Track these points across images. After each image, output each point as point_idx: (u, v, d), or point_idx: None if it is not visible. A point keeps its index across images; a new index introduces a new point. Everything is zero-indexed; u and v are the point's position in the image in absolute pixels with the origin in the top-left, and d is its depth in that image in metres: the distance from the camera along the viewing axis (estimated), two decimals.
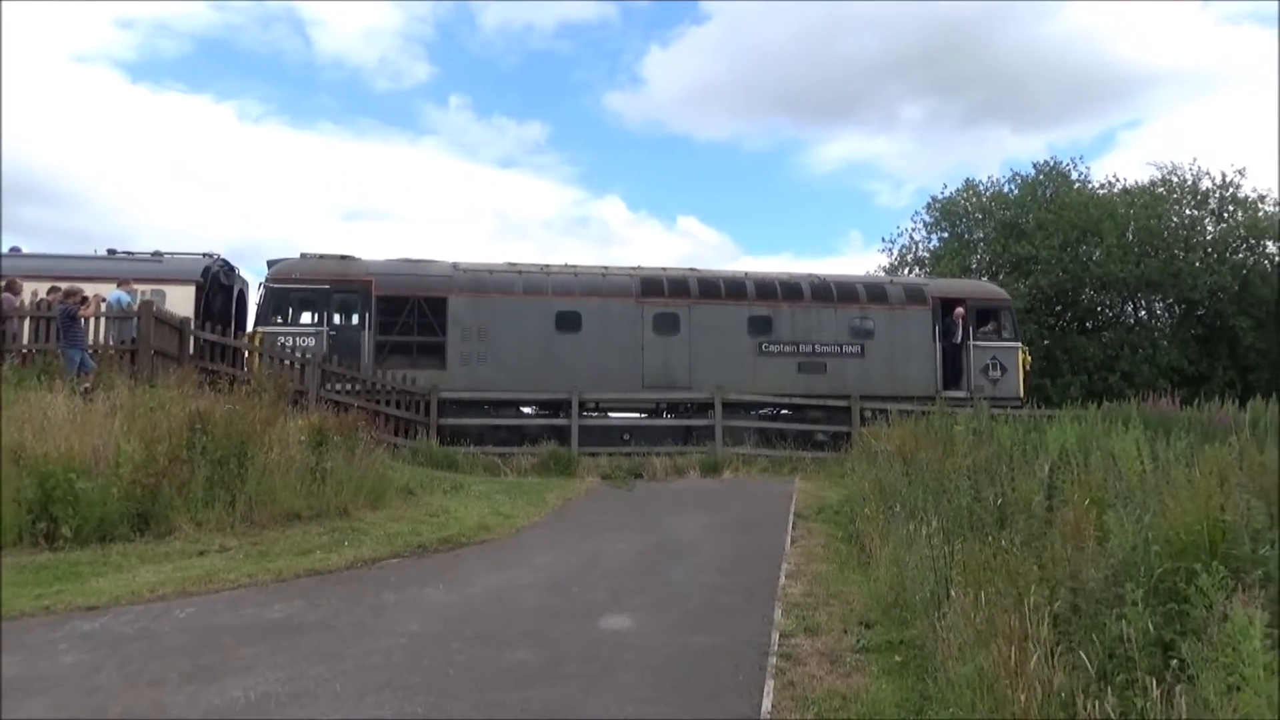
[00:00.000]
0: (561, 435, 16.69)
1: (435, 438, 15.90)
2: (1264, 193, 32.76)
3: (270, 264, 17.87)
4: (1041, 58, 72.41)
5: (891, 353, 19.23)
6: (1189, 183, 33.47)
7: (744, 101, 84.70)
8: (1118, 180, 35.62)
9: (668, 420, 17.90)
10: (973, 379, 19.32)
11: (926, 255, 36.71)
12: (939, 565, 5.91)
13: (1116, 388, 27.04)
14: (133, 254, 17.99)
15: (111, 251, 18.01)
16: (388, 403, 16.04)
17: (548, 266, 19.00)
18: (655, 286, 18.66)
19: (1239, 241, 32.22)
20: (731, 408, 17.47)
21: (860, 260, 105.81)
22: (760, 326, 18.79)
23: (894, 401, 16.57)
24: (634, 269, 19.33)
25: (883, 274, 31.52)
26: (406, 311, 17.34)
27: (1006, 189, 36.21)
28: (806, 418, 18.34)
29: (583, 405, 16.99)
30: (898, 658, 5.50)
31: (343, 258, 18.01)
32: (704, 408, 17.47)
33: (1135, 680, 3.55)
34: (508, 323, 17.64)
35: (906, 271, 35.76)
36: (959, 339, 19.37)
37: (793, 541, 9.65)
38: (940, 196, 37.33)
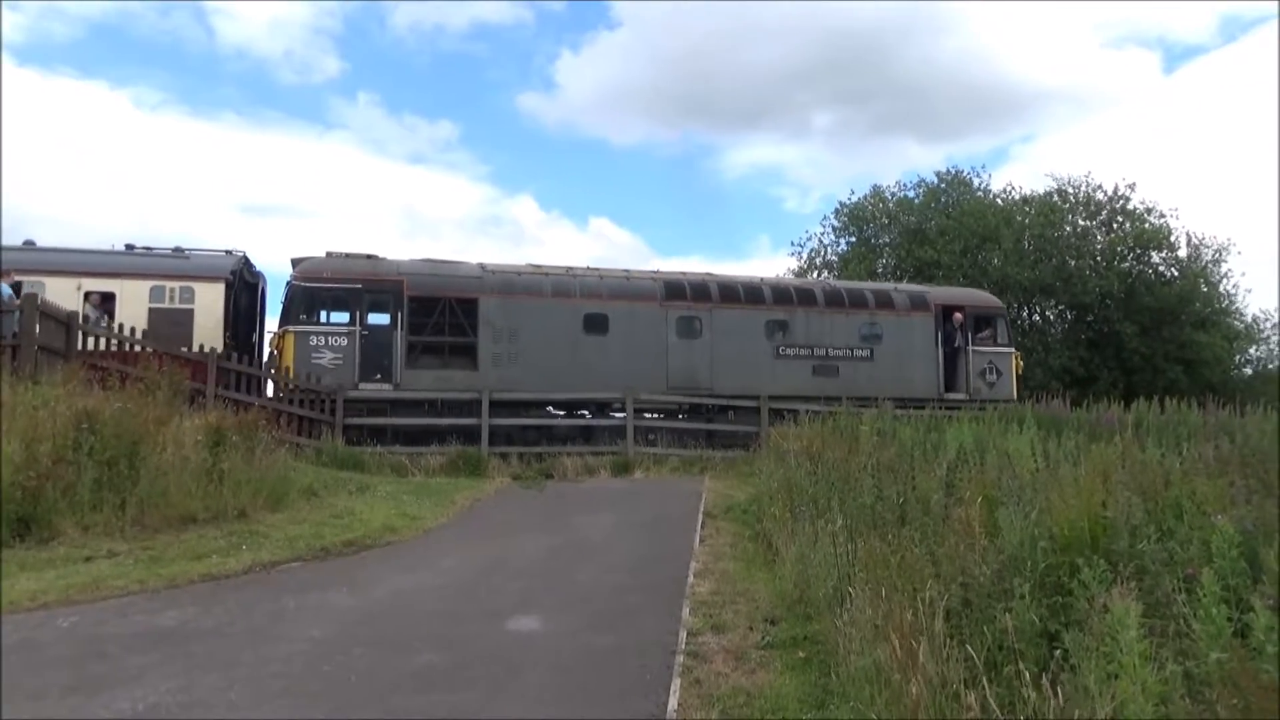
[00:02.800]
0: (471, 435, 16.51)
1: (341, 438, 15.55)
2: (1151, 205, 34.58)
3: (295, 262, 17.52)
4: (941, 73, 75.02)
5: (898, 356, 20.07)
6: (1083, 194, 35.09)
7: (658, 106, 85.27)
8: (1016, 189, 37.14)
9: (579, 420, 17.87)
10: (971, 382, 20.30)
11: (835, 259, 37.60)
12: (842, 562, 6.06)
13: None
14: (152, 249, 17.41)
15: (129, 247, 17.35)
16: (291, 401, 15.61)
17: (571, 269, 19.27)
18: (678, 290, 19.14)
19: (1127, 251, 33.91)
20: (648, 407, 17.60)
21: (770, 263, 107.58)
22: (777, 330, 19.47)
23: (901, 403, 16.72)
24: (654, 273, 19.80)
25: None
26: (438, 312, 17.41)
27: (911, 195, 37.34)
28: (719, 418, 18.56)
29: (494, 404, 16.87)
30: (801, 653, 5.61)
31: (369, 257, 17.91)
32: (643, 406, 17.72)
33: (1021, 670, 3.71)
34: (537, 324, 17.87)
35: (815, 274, 36.54)
36: (959, 344, 20.28)
37: (701, 540, 9.75)
38: (848, 202, 38.28)
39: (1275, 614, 3.15)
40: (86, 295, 16.03)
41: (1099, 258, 33.80)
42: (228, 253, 17.83)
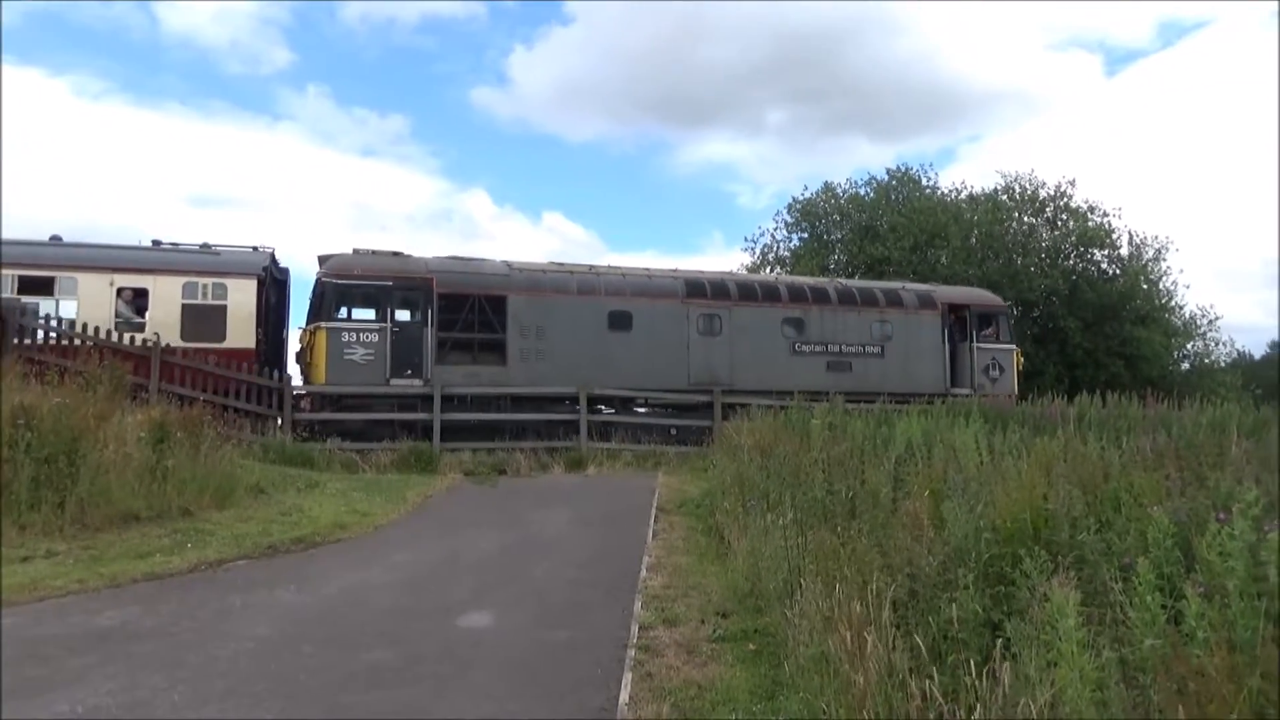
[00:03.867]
0: (424, 431, 16.38)
1: (290, 433, 15.31)
2: (1094, 204, 35.38)
3: (323, 259, 17.52)
4: (892, 74, 76.13)
5: (907, 353, 20.76)
6: (1028, 192, 35.78)
7: (613, 103, 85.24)
8: (965, 187, 37.75)
9: (533, 415, 17.80)
10: (975, 378, 21.06)
11: (787, 255, 37.89)
12: (792, 555, 6.12)
13: None
14: (178, 245, 17.22)
15: (156, 243, 17.18)
16: (238, 396, 15.33)
17: (593, 267, 19.63)
18: (699, 289, 19.58)
19: (1071, 249, 34.65)
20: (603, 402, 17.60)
21: (722, 259, 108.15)
22: (793, 328, 20.00)
23: (907, 398, 17.14)
24: (673, 272, 20.14)
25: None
26: (467, 309, 17.59)
27: (863, 192, 37.77)
28: (673, 413, 18.62)
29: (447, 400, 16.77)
30: (752, 646, 5.67)
31: (396, 254, 18.03)
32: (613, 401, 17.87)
33: (966, 659, 3.79)
34: (564, 321, 18.19)
35: (768, 269, 36.80)
36: (964, 341, 21.16)
37: (654, 535, 9.79)
38: (801, 199, 38.60)
39: (1206, 601, 3.25)
40: (119, 291, 15.98)
41: (1044, 255, 34.50)
42: (254, 249, 17.69)
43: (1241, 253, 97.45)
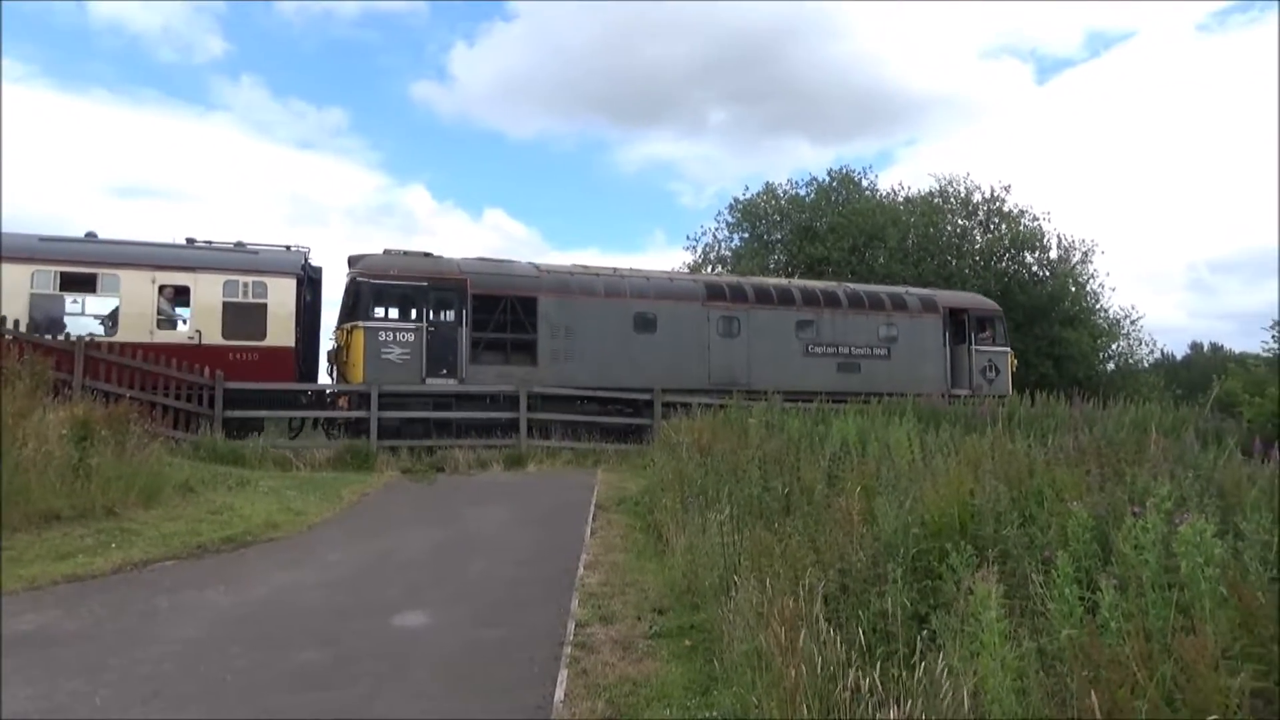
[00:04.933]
0: (361, 428, 16.15)
1: (221, 431, 14.95)
2: (1025, 208, 36.29)
3: (354, 259, 17.76)
4: (832, 76, 77.29)
5: (912, 355, 21.62)
6: (963, 194, 36.56)
7: (557, 100, 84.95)
8: (904, 188, 38.43)
9: (473, 414, 17.66)
10: (974, 379, 21.97)
11: (729, 254, 38.15)
12: (729, 552, 6.19)
13: None
14: (213, 244, 17.20)
15: (191, 241, 17.14)
16: (166, 393, 14.91)
17: (617, 269, 20.13)
18: (718, 291, 20.28)
19: (1003, 251, 35.48)
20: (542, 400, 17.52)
21: (663, 257, 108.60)
22: (806, 330, 20.69)
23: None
24: (693, 276, 20.83)
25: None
26: (499, 310, 17.93)
27: (803, 193, 38.21)
28: (612, 410, 18.61)
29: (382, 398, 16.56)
30: (688, 642, 5.72)
31: (426, 255, 18.35)
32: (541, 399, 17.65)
33: (895, 651, 3.88)
34: (591, 322, 18.64)
35: (709, 269, 37.03)
36: (964, 344, 22.12)
37: (593, 533, 9.79)
38: (742, 198, 38.89)
39: (1120, 592, 3.38)
40: (161, 289, 16.05)
41: (978, 258, 35.27)
42: (287, 248, 17.72)
43: (1164, 257, 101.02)
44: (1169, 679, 2.81)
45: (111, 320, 15.86)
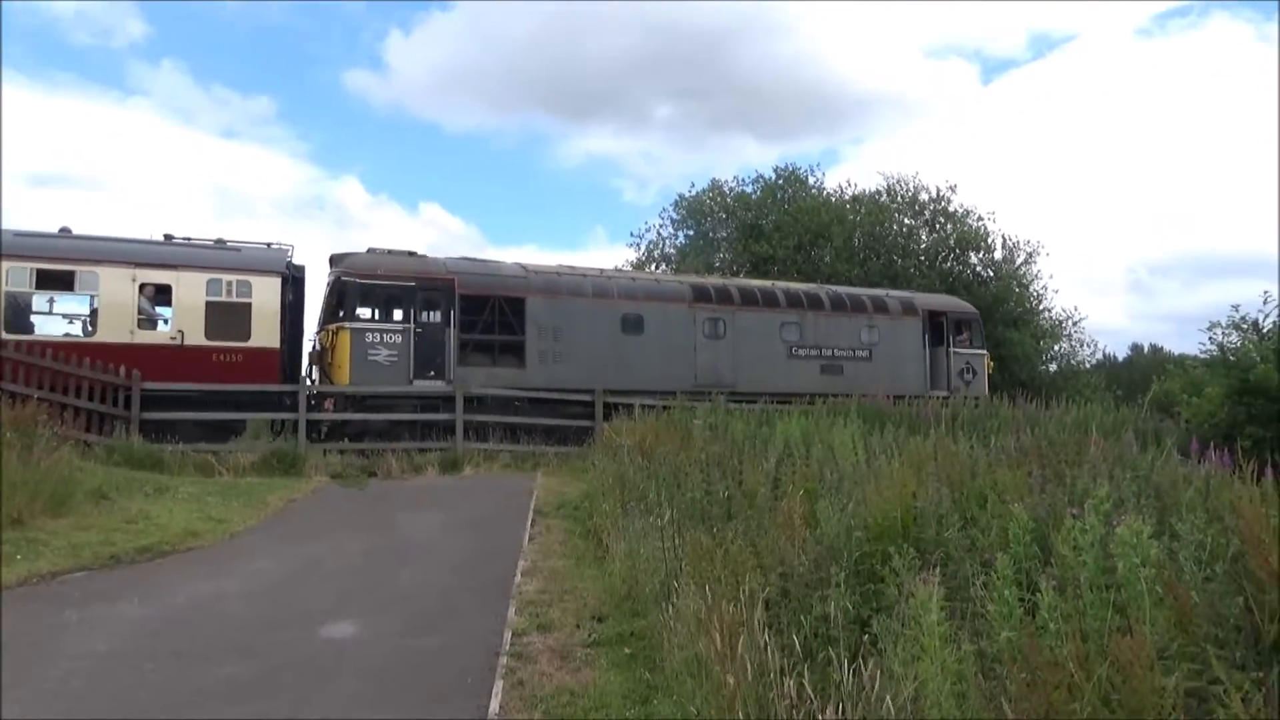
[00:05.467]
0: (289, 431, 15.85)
1: (138, 434, 14.53)
2: (970, 208, 37.04)
3: (337, 258, 17.92)
4: (778, 74, 78.10)
5: (893, 357, 22.23)
6: (910, 193, 37.18)
7: (496, 92, 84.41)
8: (850, 186, 38.91)
9: (407, 415, 17.45)
10: (952, 381, 22.58)
11: (673, 252, 38.29)
12: (669, 557, 6.20)
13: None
14: (191, 240, 17.09)
15: (168, 237, 16.98)
16: (78, 394, 14.45)
17: (603, 270, 20.63)
18: (704, 293, 20.64)
19: (949, 252, 36.18)
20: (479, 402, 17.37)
21: (606, 254, 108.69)
22: (790, 332, 21.13)
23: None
24: (679, 276, 21.15)
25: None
26: (487, 311, 18.06)
27: (749, 190, 38.50)
28: (554, 412, 18.54)
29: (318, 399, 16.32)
30: (628, 650, 5.71)
31: (412, 254, 18.50)
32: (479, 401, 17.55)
33: (836, 656, 3.92)
34: (580, 324, 18.86)
35: (654, 266, 37.13)
36: (942, 346, 22.88)
37: (531, 538, 9.74)
38: (687, 195, 39.06)
39: (1059, 593, 3.46)
40: (141, 287, 15.85)
41: (923, 257, 35.90)
42: (268, 245, 17.58)
43: (1105, 259, 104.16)
44: (1105, 680, 2.87)
45: (91, 320, 15.64)
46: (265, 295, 16.53)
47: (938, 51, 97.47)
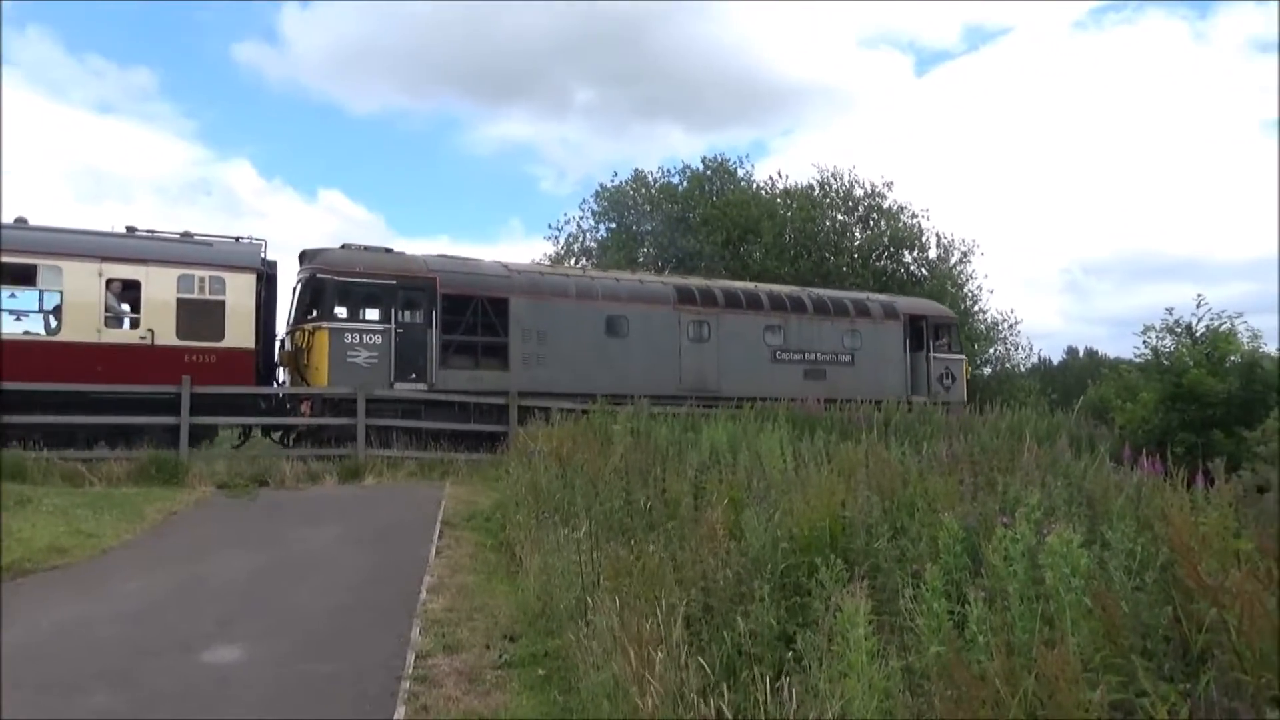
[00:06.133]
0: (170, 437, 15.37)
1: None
2: (904, 205, 37.89)
3: (310, 254, 18.02)
4: (705, 60, 78.75)
5: (874, 362, 23.15)
6: (844, 188, 37.85)
7: (404, 71, 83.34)
8: (781, 178, 39.42)
9: (303, 420, 17.11)
10: (932, 386, 23.68)
11: (594, 246, 38.31)
12: (586, 571, 6.20)
13: None
14: (155, 233, 17.01)
15: (130, 229, 16.83)
16: None
17: (586, 270, 21.21)
18: (689, 295, 21.16)
19: (882, 249, 36.96)
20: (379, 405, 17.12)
21: (523, 248, 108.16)
22: (774, 336, 21.87)
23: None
24: (662, 278, 21.94)
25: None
26: (469, 311, 18.33)
27: (676, 182, 38.73)
28: (463, 416, 18.39)
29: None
30: (541, 671, 5.70)
31: (388, 250, 18.77)
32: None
33: (760, 674, 3.97)
34: (563, 326, 19.24)
35: (573, 261, 37.09)
36: (922, 350, 23.95)
37: (438, 552, 9.64)
38: (609, 186, 39.10)
39: (988, 605, 3.57)
40: (108, 283, 15.74)
41: (856, 255, 36.62)
42: (236, 240, 17.54)
43: (1041, 258, 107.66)
44: (1031, 694, 2.97)
45: (54, 317, 15.54)
46: (240, 293, 16.56)
47: (871, 41, 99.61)
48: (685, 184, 38.58)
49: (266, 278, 17.59)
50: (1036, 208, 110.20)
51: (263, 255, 17.47)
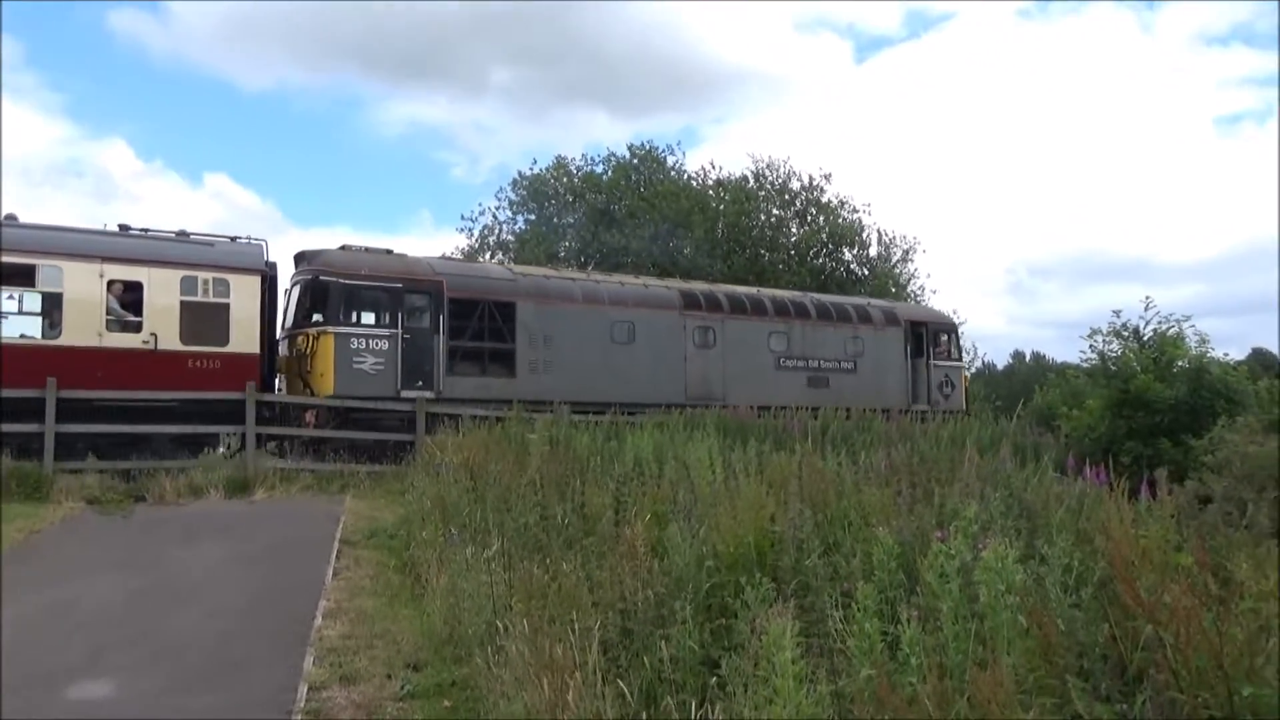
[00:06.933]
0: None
1: None
2: (844, 199, 38.47)
3: (309, 256, 18.62)
4: (632, 40, 78.87)
5: (876, 369, 23.97)
6: (780, 180, 38.28)
7: (301, 45, 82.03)
8: (714, 168, 39.67)
9: (182, 428, 16.69)
10: (932, 394, 24.62)
11: (511, 239, 38.14)
12: (497, 593, 6.19)
13: None
14: (149, 232, 17.25)
15: (124, 228, 17.07)
16: None
17: (590, 274, 21.89)
18: (693, 300, 21.86)
19: (820, 246, 37.49)
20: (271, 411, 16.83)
21: (433, 242, 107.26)
22: (778, 342, 22.63)
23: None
24: (666, 281, 22.88)
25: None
26: (476, 316, 18.85)
27: (600, 170, 38.73)
28: (368, 424, 18.18)
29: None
30: (447, 702, 5.67)
31: (389, 252, 19.25)
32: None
33: (682, 701, 4.01)
34: (570, 331, 19.76)
35: (489, 255, 36.89)
36: (922, 358, 24.85)
37: (335, 574, 9.52)
38: (528, 174, 38.95)
39: (922, 625, 3.66)
40: (110, 284, 16.00)
41: (793, 252, 37.08)
42: (233, 239, 17.80)
43: (985, 257, 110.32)
44: (963, 718, 3.06)
45: (53, 320, 15.69)
46: (244, 296, 16.83)
47: (808, 25, 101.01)
48: (610, 173, 38.62)
49: (270, 279, 17.86)
50: (980, 204, 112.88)
51: (266, 256, 17.78)
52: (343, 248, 18.80)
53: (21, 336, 15.49)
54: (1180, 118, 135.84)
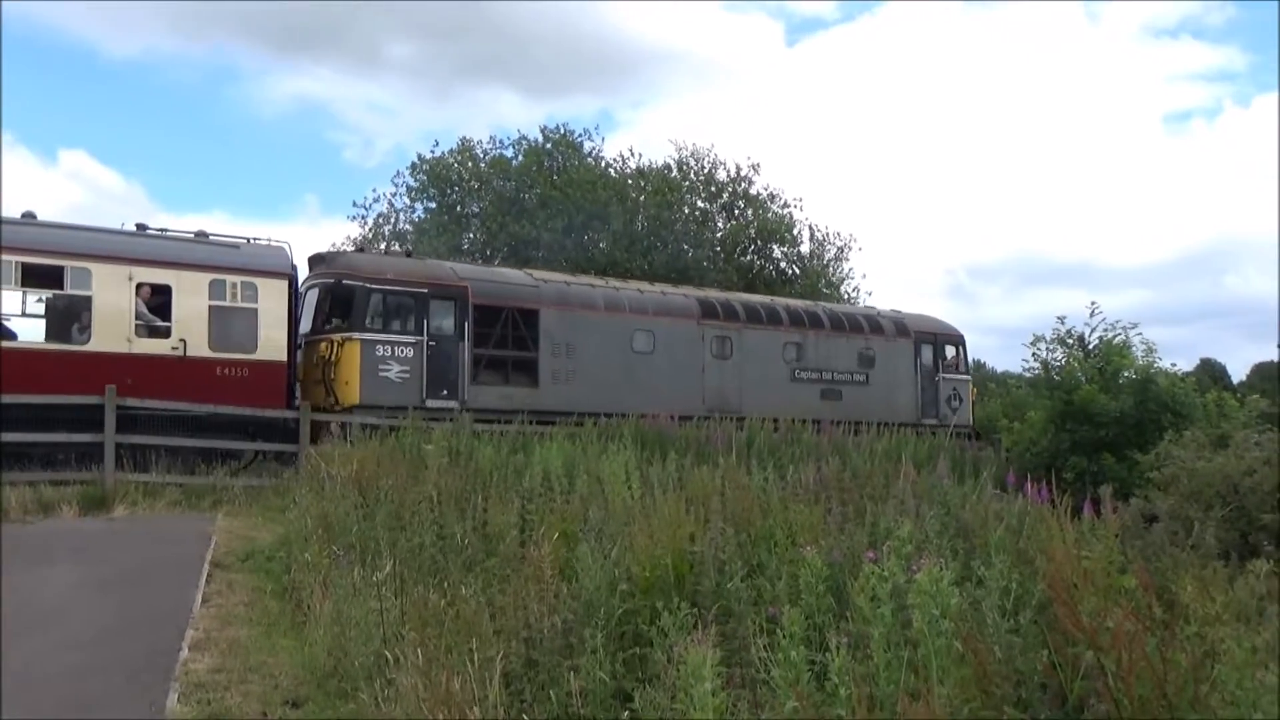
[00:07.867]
0: None
1: None
2: (775, 192, 38.89)
3: (327, 258, 19.71)
4: (545, 16, 78.65)
5: (887, 381, 25.20)
6: (705, 171, 38.55)
7: (171, 9, 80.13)
8: (634, 156, 39.79)
9: (30, 435, 16.21)
10: (941, 407, 25.76)
11: (409, 228, 37.78)
12: (388, 620, 6.13)
13: None
14: (167, 232, 17.98)
15: (141, 227, 17.69)
16: None
17: (609, 281, 22.96)
18: (711, 309, 22.89)
19: (748, 242, 37.85)
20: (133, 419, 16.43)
21: (322, 230, 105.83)
22: (793, 353, 23.77)
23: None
24: (684, 290, 23.96)
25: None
26: (500, 323, 19.64)
27: (510, 155, 38.56)
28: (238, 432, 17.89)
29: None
30: None
31: (408, 254, 20.58)
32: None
33: None
34: (591, 339, 20.67)
35: (384, 246, 36.52)
36: (934, 371, 26.13)
37: (205, 600, 9.35)
38: (429, 157, 38.61)
39: (852, 652, 3.72)
40: (138, 288, 16.49)
41: (719, 248, 37.38)
42: (248, 241, 18.25)
43: (923, 258, 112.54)
44: None
45: (81, 324, 16.20)
46: (272, 300, 17.45)
47: (737, 5, 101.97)
48: (521, 158, 38.49)
49: (294, 284, 18.42)
50: (919, 201, 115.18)
51: (291, 259, 18.37)
52: (359, 250, 19.68)
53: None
54: (1128, 115, 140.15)
